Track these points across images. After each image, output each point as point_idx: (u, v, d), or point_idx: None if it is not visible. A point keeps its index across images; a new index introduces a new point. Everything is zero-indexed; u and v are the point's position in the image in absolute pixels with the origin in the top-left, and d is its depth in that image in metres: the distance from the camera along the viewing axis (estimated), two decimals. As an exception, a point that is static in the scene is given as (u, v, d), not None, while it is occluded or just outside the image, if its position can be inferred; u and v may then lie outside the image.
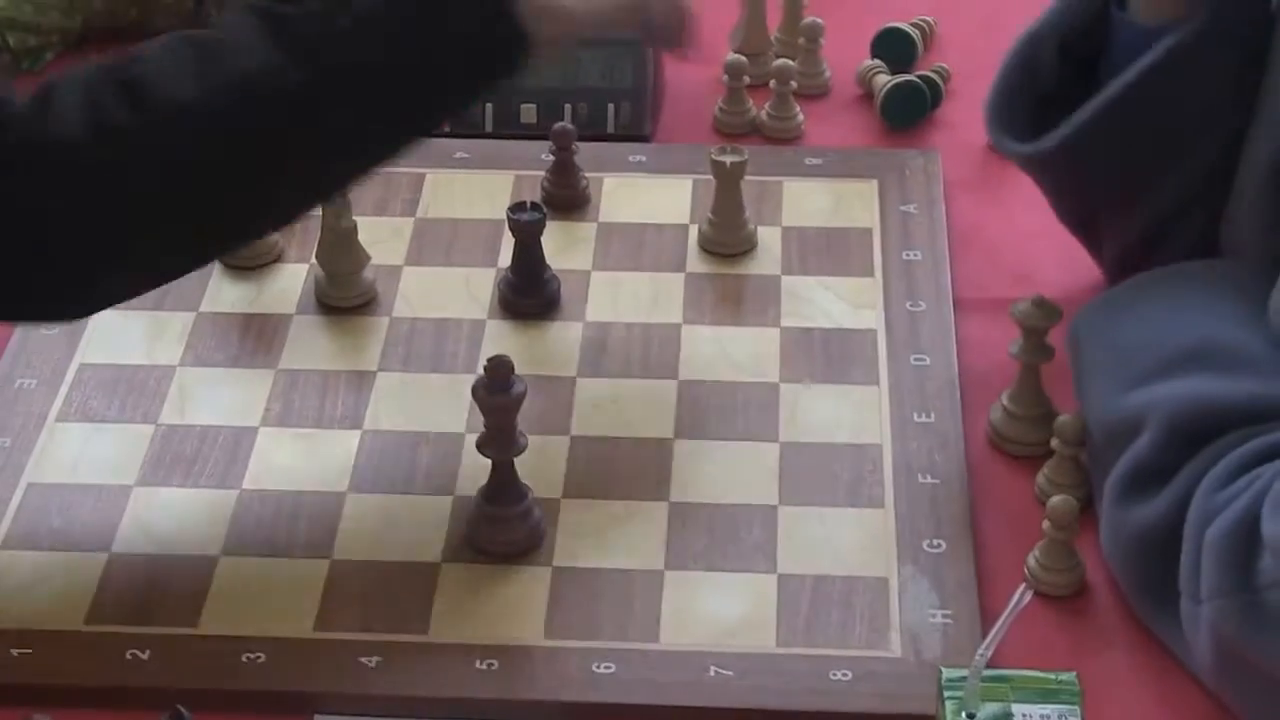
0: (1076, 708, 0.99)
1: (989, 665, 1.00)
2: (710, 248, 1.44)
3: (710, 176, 1.46)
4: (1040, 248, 1.44)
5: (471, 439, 1.23)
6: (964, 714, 0.99)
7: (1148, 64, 1.23)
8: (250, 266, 1.44)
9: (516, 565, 1.21)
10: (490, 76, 1.19)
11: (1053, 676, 1.00)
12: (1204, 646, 1.08)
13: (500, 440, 1.19)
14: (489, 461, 1.20)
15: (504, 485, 1.21)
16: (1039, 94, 1.31)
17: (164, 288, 1.37)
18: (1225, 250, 1.27)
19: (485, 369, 1.17)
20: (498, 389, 1.17)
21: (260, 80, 1.11)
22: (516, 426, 1.19)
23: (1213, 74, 1.24)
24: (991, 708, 0.99)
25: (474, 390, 1.19)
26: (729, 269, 1.44)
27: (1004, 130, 1.32)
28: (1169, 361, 1.16)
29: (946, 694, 1.00)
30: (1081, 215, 1.36)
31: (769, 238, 1.46)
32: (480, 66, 1.18)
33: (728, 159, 1.42)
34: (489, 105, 1.58)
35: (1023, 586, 1.01)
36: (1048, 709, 0.99)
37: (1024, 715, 0.98)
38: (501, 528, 1.21)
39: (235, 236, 1.21)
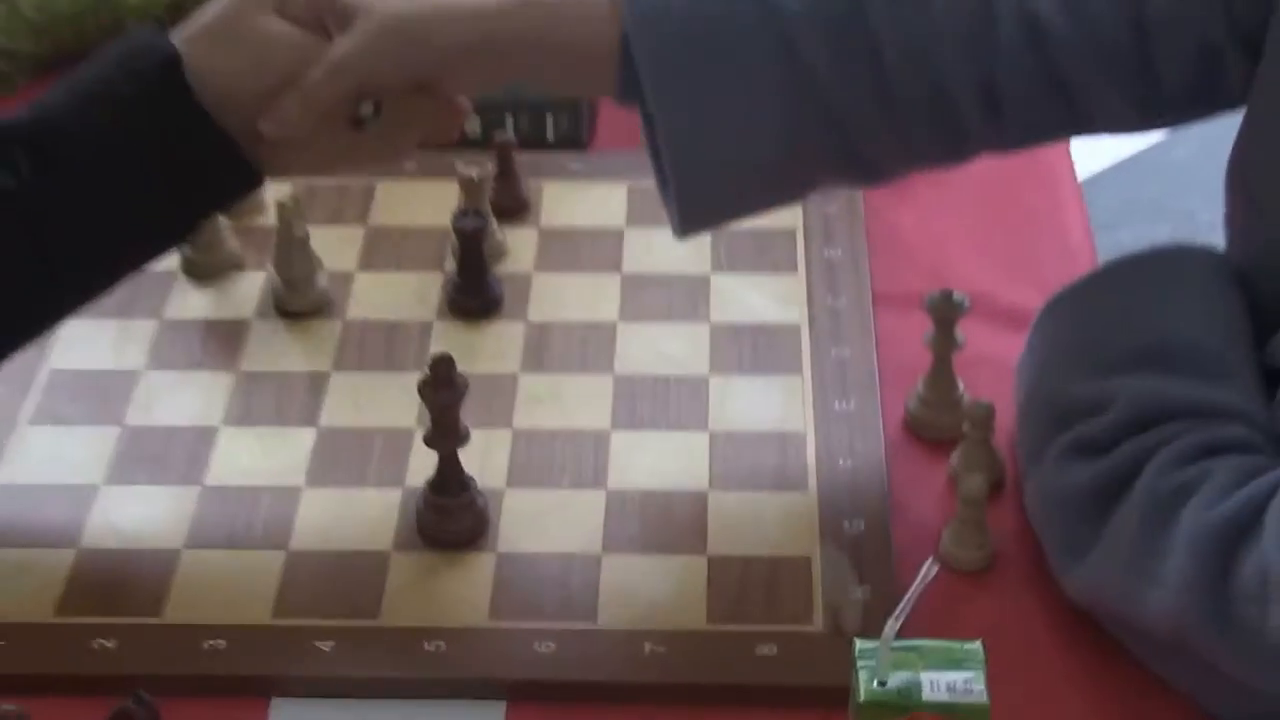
0: (980, 674, 0.99)
1: (900, 636, 0.99)
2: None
3: (645, 185, 1.47)
4: (950, 245, 1.44)
5: (420, 433, 1.23)
6: (875, 682, 0.98)
7: None
8: (211, 275, 1.44)
9: (463, 552, 1.21)
10: (219, 209, 1.22)
11: (959, 645, 1.00)
12: (1148, 619, 1.08)
13: (445, 434, 1.20)
14: (436, 454, 1.21)
15: (450, 477, 1.21)
16: None
17: (130, 296, 1.37)
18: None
19: (429, 367, 1.18)
20: (441, 385, 1.18)
21: None
22: (460, 420, 1.19)
23: None
24: (901, 675, 0.98)
25: (420, 387, 1.19)
26: (662, 269, 1.44)
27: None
28: (1135, 356, 1.15)
29: (860, 664, 1.00)
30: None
31: (698, 240, 1.43)
32: (210, 209, 1.20)
33: (475, 172, 1.42)
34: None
35: (929, 561, 1.01)
36: (954, 676, 0.98)
37: (932, 682, 0.98)
38: (448, 517, 1.22)
39: None
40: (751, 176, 1.20)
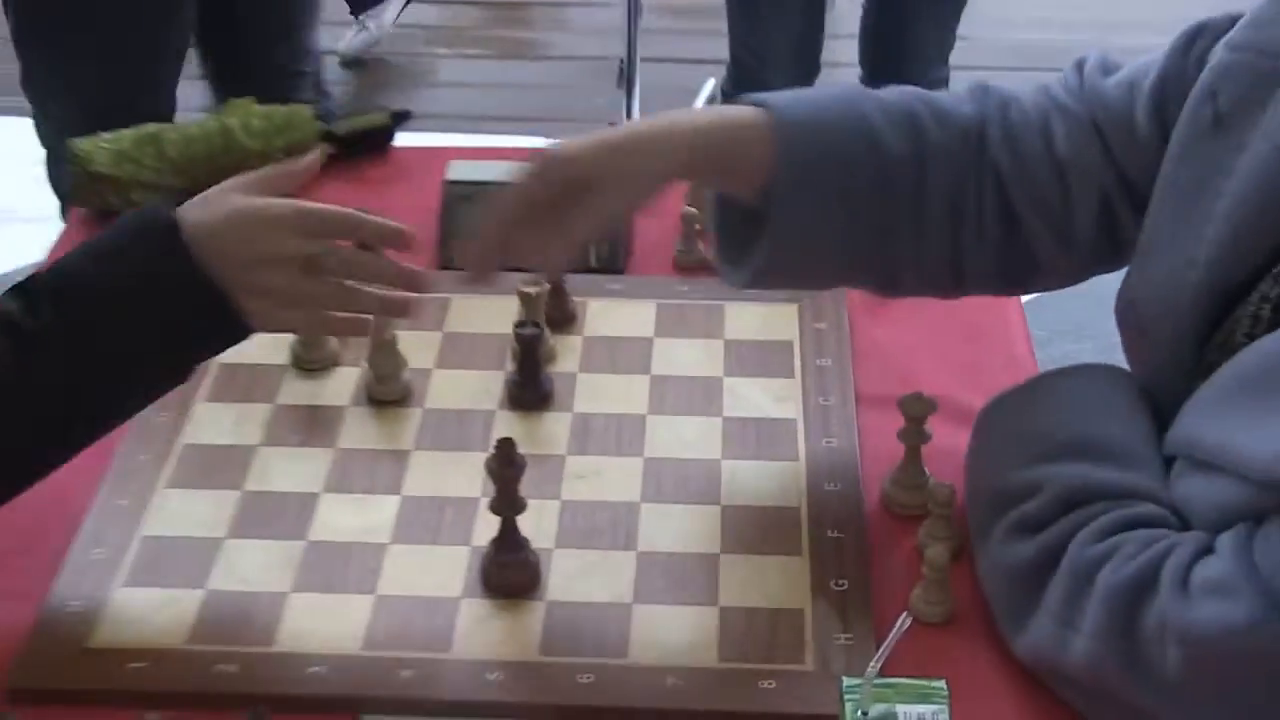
0: (945, 707, 1.00)
1: (879, 675, 1.01)
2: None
3: (670, 302, 1.48)
4: (920, 355, 1.45)
5: (484, 502, 1.24)
6: (860, 713, 1.00)
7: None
8: (315, 369, 1.44)
9: (519, 600, 1.21)
10: (210, 355, 1.19)
11: (927, 684, 1.02)
12: (1073, 667, 1.08)
13: (506, 503, 1.20)
14: (498, 519, 1.21)
15: (509, 538, 1.22)
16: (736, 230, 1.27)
17: (249, 385, 1.38)
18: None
19: (495, 448, 1.19)
20: (505, 463, 1.19)
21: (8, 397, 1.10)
22: (519, 492, 1.20)
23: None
24: (880, 708, 1.00)
25: (487, 464, 1.20)
26: (683, 372, 1.44)
27: (731, 265, 1.28)
28: (1062, 447, 1.16)
29: (846, 697, 1.01)
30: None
31: (713, 349, 1.46)
32: (203, 355, 1.19)
33: (533, 289, 1.43)
34: (500, 245, 1.58)
35: (904, 615, 1.02)
36: (923, 708, 1.00)
37: (905, 713, 1.00)
38: (507, 571, 1.22)
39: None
40: (815, 270, 1.27)
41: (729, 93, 2.42)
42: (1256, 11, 1.14)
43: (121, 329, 1.12)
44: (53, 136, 2.37)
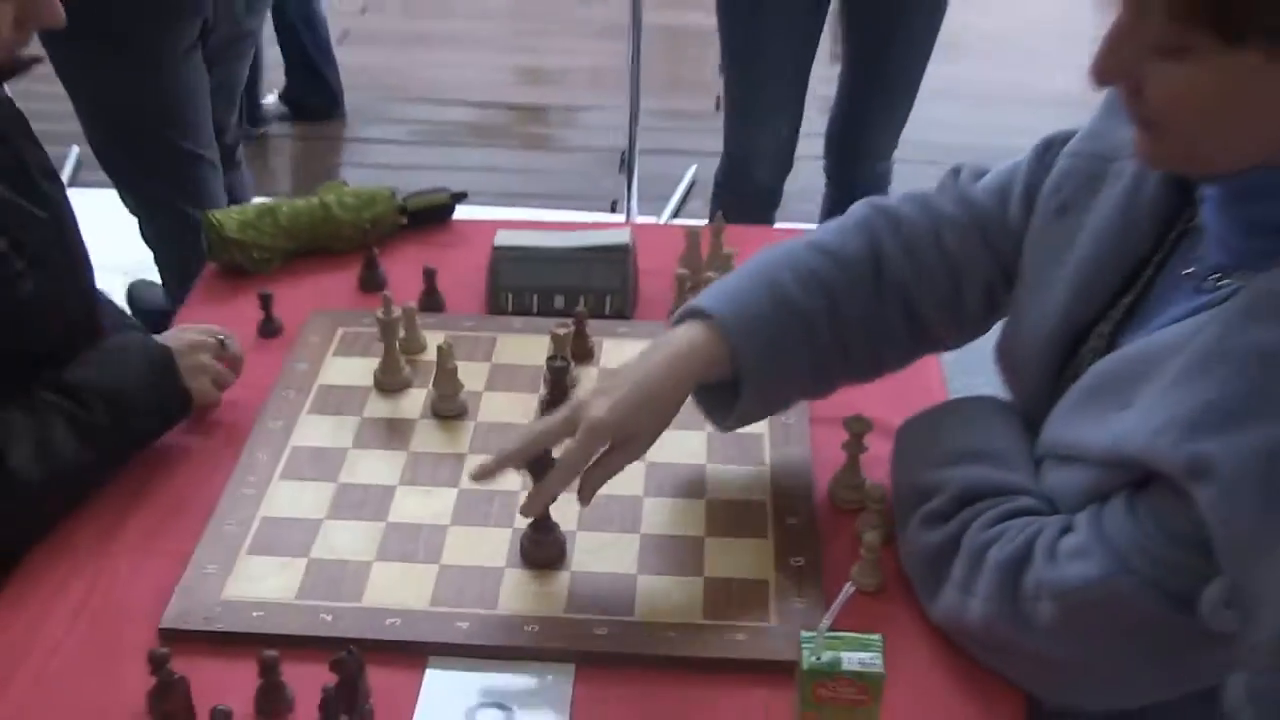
0: (880, 654, 1.02)
1: (829, 630, 1.03)
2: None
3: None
4: (857, 389, 1.42)
5: (524, 494, 1.26)
6: (814, 658, 1.02)
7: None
8: (392, 390, 1.46)
9: (550, 570, 1.23)
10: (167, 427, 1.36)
11: (866, 636, 1.04)
12: (973, 626, 1.10)
13: (542, 494, 1.21)
14: (535, 507, 1.22)
15: (543, 522, 1.23)
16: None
17: (341, 401, 1.39)
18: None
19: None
20: (541, 464, 1.20)
21: (70, 469, 1.26)
22: (551, 486, 1.20)
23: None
24: (830, 654, 1.02)
25: (528, 465, 1.20)
26: None
27: (711, 416, 1.29)
28: (960, 454, 1.18)
29: (804, 646, 1.03)
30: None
31: None
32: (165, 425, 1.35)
33: (562, 330, 1.44)
34: (535, 295, 1.58)
35: (847, 585, 1.04)
36: (863, 655, 1.02)
37: (848, 659, 1.02)
38: (541, 547, 1.23)
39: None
40: (774, 407, 1.29)
41: (720, 181, 2.49)
42: (1089, 126, 1.18)
43: (140, 424, 1.32)
44: (131, 203, 2.28)
